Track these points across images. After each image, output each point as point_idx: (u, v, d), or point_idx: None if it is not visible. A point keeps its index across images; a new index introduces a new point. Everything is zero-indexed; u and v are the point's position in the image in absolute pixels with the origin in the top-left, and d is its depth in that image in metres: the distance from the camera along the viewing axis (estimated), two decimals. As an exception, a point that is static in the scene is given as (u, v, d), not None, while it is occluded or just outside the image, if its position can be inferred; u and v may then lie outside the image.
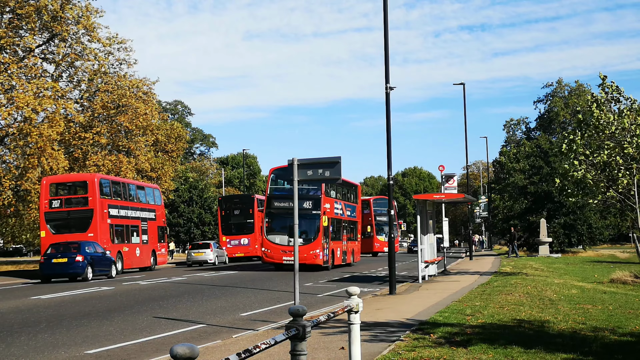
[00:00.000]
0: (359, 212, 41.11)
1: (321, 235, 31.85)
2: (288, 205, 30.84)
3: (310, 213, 31.90)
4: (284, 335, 5.36)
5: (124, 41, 39.35)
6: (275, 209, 33.05)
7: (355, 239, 40.07)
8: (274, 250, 32.37)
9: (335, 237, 34.77)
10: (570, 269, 32.22)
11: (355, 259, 39.67)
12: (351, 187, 40.34)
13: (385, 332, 11.61)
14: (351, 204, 38.80)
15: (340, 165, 11.98)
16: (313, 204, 32.13)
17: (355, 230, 40.05)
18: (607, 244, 71.67)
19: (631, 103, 22.60)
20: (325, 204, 32.48)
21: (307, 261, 31.16)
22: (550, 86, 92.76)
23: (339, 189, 36.24)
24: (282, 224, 32.89)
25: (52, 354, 10.60)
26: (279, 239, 32.44)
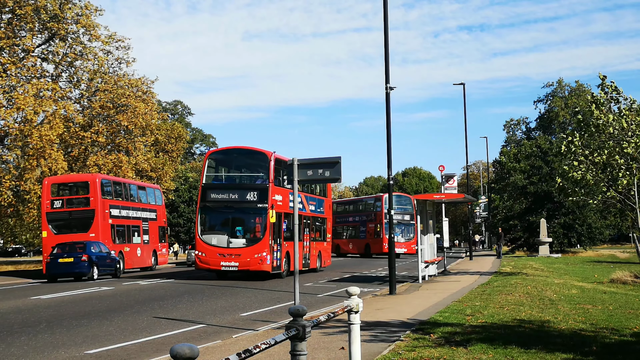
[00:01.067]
0: (328, 206, 34.84)
1: (269, 234, 25.69)
2: (228, 198, 26.58)
3: (254, 207, 26.21)
4: (284, 335, 5.37)
5: (122, 39, 39.36)
6: (213, 202, 26.89)
7: (324, 239, 34.11)
8: (209, 253, 26.08)
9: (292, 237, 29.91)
10: (570, 269, 32.23)
11: (324, 262, 33.78)
12: None
13: (385, 332, 11.61)
14: (317, 197, 33.14)
15: (340, 165, 11.98)
16: (258, 195, 26.13)
17: (323, 229, 34.28)
18: (607, 244, 71.67)
19: (630, 103, 22.61)
20: (275, 195, 26.43)
21: (250, 267, 25.70)
22: (550, 86, 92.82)
23: None
24: (220, 221, 27.52)
25: (52, 354, 10.60)
26: (216, 239, 26.26)
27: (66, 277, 28.26)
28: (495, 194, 65.60)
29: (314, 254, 31.74)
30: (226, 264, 25.85)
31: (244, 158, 28.70)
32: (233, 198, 26.56)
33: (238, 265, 25.62)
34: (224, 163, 29.33)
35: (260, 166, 27.11)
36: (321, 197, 33.94)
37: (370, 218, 54.86)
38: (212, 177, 28.27)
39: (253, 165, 28.23)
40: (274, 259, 26.24)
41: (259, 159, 27.27)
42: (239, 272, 26.53)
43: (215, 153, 30.24)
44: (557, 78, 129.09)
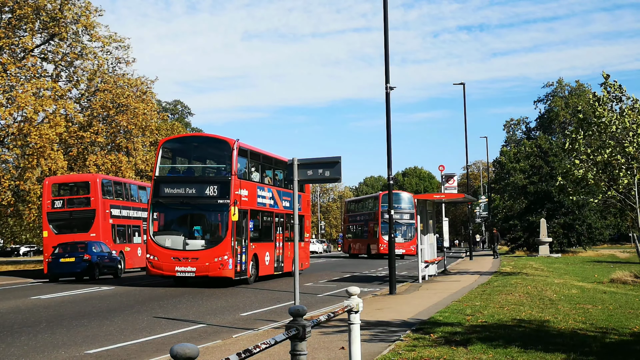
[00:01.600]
0: (306, 202, 31.30)
1: (231, 234, 22.32)
2: (184, 193, 23.24)
3: (214, 203, 22.86)
4: (284, 335, 5.37)
5: (122, 39, 39.37)
6: (167, 198, 23.42)
7: (301, 238, 29.75)
8: (163, 257, 22.67)
9: (261, 238, 25.45)
10: (570, 269, 32.23)
11: (301, 265, 29.25)
12: None
13: (385, 331, 11.62)
14: (290, 191, 28.29)
15: (340, 165, 11.97)
16: (219, 189, 22.75)
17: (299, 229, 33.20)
18: (607, 244, 71.67)
19: (633, 102, 22.61)
20: (239, 189, 23.15)
21: (210, 272, 22.37)
22: (550, 86, 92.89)
23: (266, 168, 26.97)
24: (176, 219, 24.16)
25: (52, 354, 10.60)
26: (170, 240, 22.90)
27: (68, 276, 28.30)
28: (495, 194, 65.66)
29: (288, 255, 27.80)
30: (182, 269, 22.46)
31: (203, 147, 25.88)
32: (190, 193, 23.30)
33: (195, 270, 22.33)
34: (181, 153, 25.98)
35: (222, 156, 23.96)
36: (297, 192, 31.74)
37: (371, 217, 53.35)
38: (166, 169, 24.85)
39: (213, 156, 25.33)
40: (238, 263, 22.83)
41: (219, 148, 24.16)
42: (197, 279, 23.75)
43: (170, 142, 26.44)
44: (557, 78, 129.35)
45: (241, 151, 23.55)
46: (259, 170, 25.75)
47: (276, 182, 27.60)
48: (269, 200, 26.16)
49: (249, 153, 24.48)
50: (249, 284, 23.64)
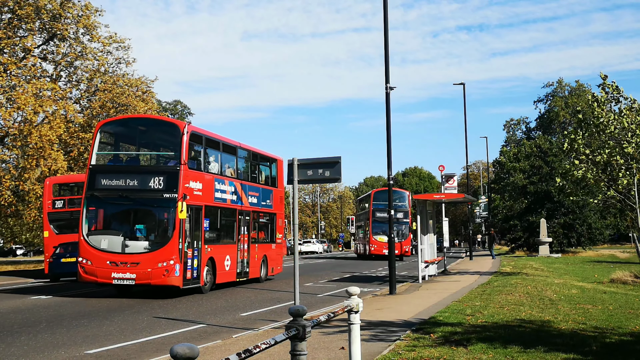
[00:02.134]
0: (279, 199, 27.79)
1: (178, 235, 18.85)
2: (125, 185, 19.72)
3: (159, 198, 19.33)
4: (284, 335, 5.37)
5: (122, 40, 39.39)
6: (104, 191, 19.90)
7: (272, 239, 26.91)
8: (97, 261, 19.19)
9: (220, 239, 22.10)
10: (570, 269, 32.23)
11: (272, 270, 26.77)
12: (257, 159, 25.90)
13: (385, 331, 11.62)
14: (261, 186, 25.85)
15: (340, 165, 11.98)
16: (165, 181, 19.38)
17: (271, 228, 27.07)
18: (607, 244, 71.68)
19: (631, 103, 22.64)
20: (191, 181, 19.83)
21: (152, 280, 18.84)
22: (550, 86, 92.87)
23: (228, 159, 23.35)
24: (114, 216, 20.64)
25: (52, 354, 10.60)
26: (107, 242, 19.41)
27: (69, 276, 28.29)
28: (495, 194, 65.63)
29: (255, 259, 24.77)
30: (119, 276, 18.92)
31: (149, 131, 22.27)
32: (131, 185, 19.80)
33: (135, 277, 18.85)
34: (123, 138, 22.37)
35: (170, 142, 20.68)
36: (268, 187, 26.54)
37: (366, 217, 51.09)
38: (104, 156, 21.39)
39: (161, 142, 21.99)
40: (188, 269, 19.39)
41: (167, 133, 21.11)
42: (138, 287, 20.41)
43: (111, 124, 22.25)
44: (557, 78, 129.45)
45: (194, 137, 20.29)
46: (218, 160, 22.11)
47: (241, 174, 24.11)
48: (230, 196, 22.58)
49: (204, 140, 21.18)
50: (204, 293, 20.32)
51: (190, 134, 19.81)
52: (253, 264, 24.54)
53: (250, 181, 24.76)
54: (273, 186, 27.15)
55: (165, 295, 19.62)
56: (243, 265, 23.66)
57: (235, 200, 23.11)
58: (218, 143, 22.37)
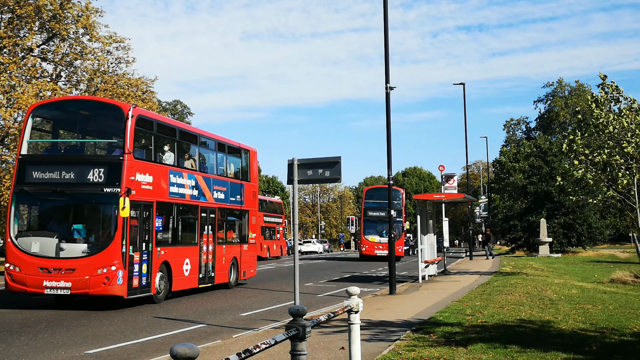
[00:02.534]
0: (251, 194, 24.92)
1: (120, 236, 16.16)
2: (59, 178, 16.87)
3: (99, 192, 16.60)
4: (284, 335, 5.37)
5: (122, 40, 39.41)
6: (35, 185, 17.02)
7: (243, 240, 24.10)
8: (27, 267, 16.36)
9: (176, 240, 19.28)
10: (570, 269, 32.23)
11: (243, 274, 23.96)
12: (224, 149, 23.19)
13: (385, 331, 11.62)
14: (229, 179, 23.08)
15: (340, 165, 11.97)
16: (106, 173, 16.64)
17: (242, 227, 24.20)
18: (607, 244, 71.71)
19: (631, 103, 22.65)
20: (138, 173, 17.03)
21: (91, 289, 16.08)
22: (550, 86, 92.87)
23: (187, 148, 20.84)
24: (47, 214, 17.84)
25: (52, 354, 10.61)
26: (38, 244, 16.58)
27: None
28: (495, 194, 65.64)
29: (223, 262, 22.14)
30: (52, 285, 16.13)
31: (90, 116, 19.31)
32: (67, 178, 16.95)
33: (71, 286, 16.08)
34: (59, 124, 19.68)
35: (113, 128, 18.06)
36: (238, 181, 23.76)
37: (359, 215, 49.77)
38: (38, 145, 18.70)
39: (103, 128, 19.18)
40: (135, 275, 16.73)
41: (110, 117, 18.36)
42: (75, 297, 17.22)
43: (44, 108, 19.36)
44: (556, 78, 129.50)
45: (142, 122, 17.76)
46: (174, 149, 19.31)
47: (204, 167, 21.71)
48: (190, 190, 19.91)
49: (156, 125, 18.74)
50: (157, 303, 17.67)
51: (137, 118, 17.13)
52: (220, 268, 21.81)
53: (216, 174, 22.09)
54: (244, 180, 24.31)
55: (107, 307, 16.77)
56: (207, 270, 20.97)
57: (197, 195, 20.38)
58: (174, 130, 20.06)
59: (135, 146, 17.28)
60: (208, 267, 21.08)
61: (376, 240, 45.26)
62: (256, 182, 26.00)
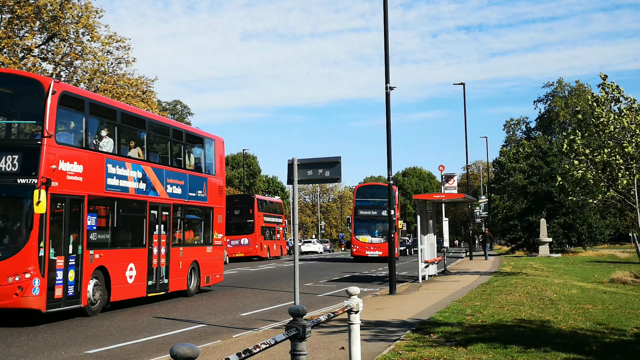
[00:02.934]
0: (217, 189, 22.22)
1: (36, 237, 13.63)
2: None
3: (11, 185, 14.00)
4: (284, 335, 5.37)
5: (122, 40, 39.43)
6: None
7: (206, 241, 21.51)
8: None
9: (117, 241, 16.63)
10: (570, 269, 32.24)
11: (206, 279, 21.34)
12: (181, 137, 20.66)
13: (385, 331, 11.62)
14: (185, 171, 20.27)
15: (340, 165, 11.97)
16: (20, 161, 14.10)
17: (205, 226, 21.55)
18: (607, 244, 71.71)
19: (631, 103, 22.66)
20: (59, 162, 14.43)
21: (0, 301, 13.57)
22: (550, 86, 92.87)
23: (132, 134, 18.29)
24: None
25: (52, 354, 10.61)
26: None
27: None
28: (495, 194, 65.63)
29: (180, 267, 19.54)
30: None
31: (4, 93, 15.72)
32: None
33: None
34: None
35: (32, 106, 15.12)
36: (199, 174, 21.21)
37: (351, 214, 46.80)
38: None
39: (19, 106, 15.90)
40: (58, 284, 14.15)
41: (27, 93, 15.48)
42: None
43: None
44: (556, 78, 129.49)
45: (68, 100, 15.08)
46: (114, 135, 16.65)
47: (155, 156, 19.15)
48: (135, 183, 17.23)
49: (87, 105, 15.85)
50: (90, 316, 15.13)
51: (61, 95, 14.54)
52: (176, 273, 19.25)
53: (171, 166, 19.53)
54: (208, 173, 21.76)
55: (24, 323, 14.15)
56: (159, 276, 18.28)
57: (145, 189, 17.68)
58: (113, 112, 17.05)
59: (59, 129, 14.76)
60: (160, 273, 18.41)
61: (367, 240, 43.38)
62: (223, 176, 22.92)
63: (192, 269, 20.48)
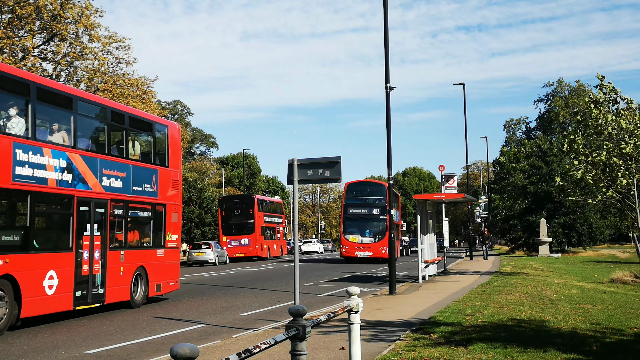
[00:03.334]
0: (170, 183, 19.20)
1: None
2: None
3: None
4: (284, 335, 5.37)
5: (122, 40, 39.45)
6: None
7: (157, 244, 18.61)
8: None
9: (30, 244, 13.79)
10: (570, 268, 32.24)
11: (156, 288, 18.36)
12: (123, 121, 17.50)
13: (385, 331, 11.62)
14: (128, 161, 17.32)
15: (340, 165, 11.98)
16: None
17: (153, 225, 18.53)
18: (607, 244, 71.73)
19: (628, 103, 22.68)
20: None
21: None
22: (550, 86, 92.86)
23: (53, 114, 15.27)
24: None
25: (52, 354, 10.61)
26: None
27: None
28: (495, 194, 65.66)
29: (120, 274, 16.66)
30: None
31: None
32: None
33: None
34: None
35: None
36: (147, 165, 18.29)
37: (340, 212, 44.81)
38: None
39: None
40: None
41: None
42: None
43: None
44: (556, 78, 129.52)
45: None
46: (27, 114, 13.88)
47: (82, 141, 15.84)
48: (57, 174, 14.47)
49: None
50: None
51: None
52: (115, 282, 16.37)
53: (109, 154, 16.58)
54: (160, 164, 18.85)
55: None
56: (91, 285, 15.38)
57: (71, 181, 14.91)
58: (26, 86, 14.10)
59: None
60: (93, 282, 15.50)
61: (357, 240, 41.24)
62: (178, 168, 19.90)
63: (138, 275, 17.49)
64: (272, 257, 51.95)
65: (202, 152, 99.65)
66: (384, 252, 39.26)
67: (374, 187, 43.79)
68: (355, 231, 41.49)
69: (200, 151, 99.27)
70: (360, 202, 42.19)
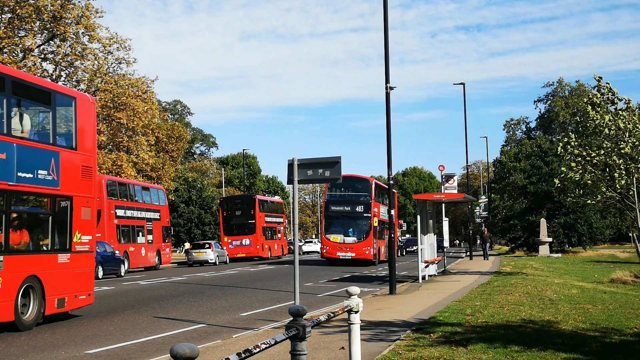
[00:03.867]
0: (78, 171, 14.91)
1: None
2: None
3: None
4: (284, 335, 5.37)
5: (123, 40, 39.46)
6: None
7: (61, 246, 14.46)
8: None
9: None
10: (570, 268, 32.24)
11: (58, 304, 14.08)
12: (2, 86, 12.77)
13: (385, 331, 11.62)
14: (16, 141, 12.97)
15: (340, 165, 11.98)
16: None
17: (53, 223, 14.24)
18: (607, 244, 71.73)
19: (626, 103, 22.69)
20: None
21: None
22: (550, 86, 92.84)
23: None
24: None
25: (52, 354, 10.61)
26: None
27: None
28: (495, 194, 65.66)
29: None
30: None
31: None
32: None
33: None
34: None
35: None
36: (44, 146, 14.09)
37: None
38: None
39: None
40: None
41: None
42: None
43: None
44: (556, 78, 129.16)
45: None
46: None
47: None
48: None
49: None
50: None
51: None
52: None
53: None
54: (63, 146, 14.75)
55: None
56: None
57: None
58: None
59: None
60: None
61: (339, 240, 37.86)
62: (92, 152, 15.84)
63: (30, 288, 13.30)
64: (273, 257, 52.00)
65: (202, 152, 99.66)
66: (368, 253, 37.68)
67: (358, 182, 39.87)
68: (339, 230, 38.23)
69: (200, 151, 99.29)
70: (343, 198, 38.93)
